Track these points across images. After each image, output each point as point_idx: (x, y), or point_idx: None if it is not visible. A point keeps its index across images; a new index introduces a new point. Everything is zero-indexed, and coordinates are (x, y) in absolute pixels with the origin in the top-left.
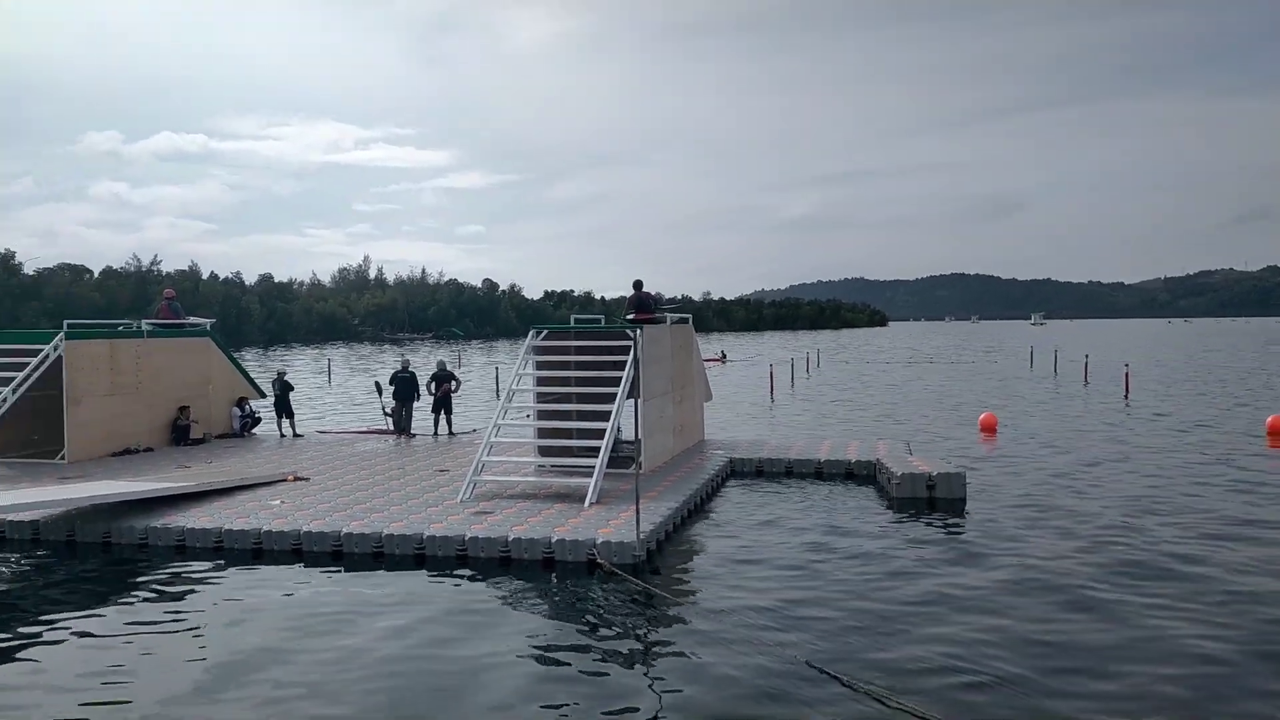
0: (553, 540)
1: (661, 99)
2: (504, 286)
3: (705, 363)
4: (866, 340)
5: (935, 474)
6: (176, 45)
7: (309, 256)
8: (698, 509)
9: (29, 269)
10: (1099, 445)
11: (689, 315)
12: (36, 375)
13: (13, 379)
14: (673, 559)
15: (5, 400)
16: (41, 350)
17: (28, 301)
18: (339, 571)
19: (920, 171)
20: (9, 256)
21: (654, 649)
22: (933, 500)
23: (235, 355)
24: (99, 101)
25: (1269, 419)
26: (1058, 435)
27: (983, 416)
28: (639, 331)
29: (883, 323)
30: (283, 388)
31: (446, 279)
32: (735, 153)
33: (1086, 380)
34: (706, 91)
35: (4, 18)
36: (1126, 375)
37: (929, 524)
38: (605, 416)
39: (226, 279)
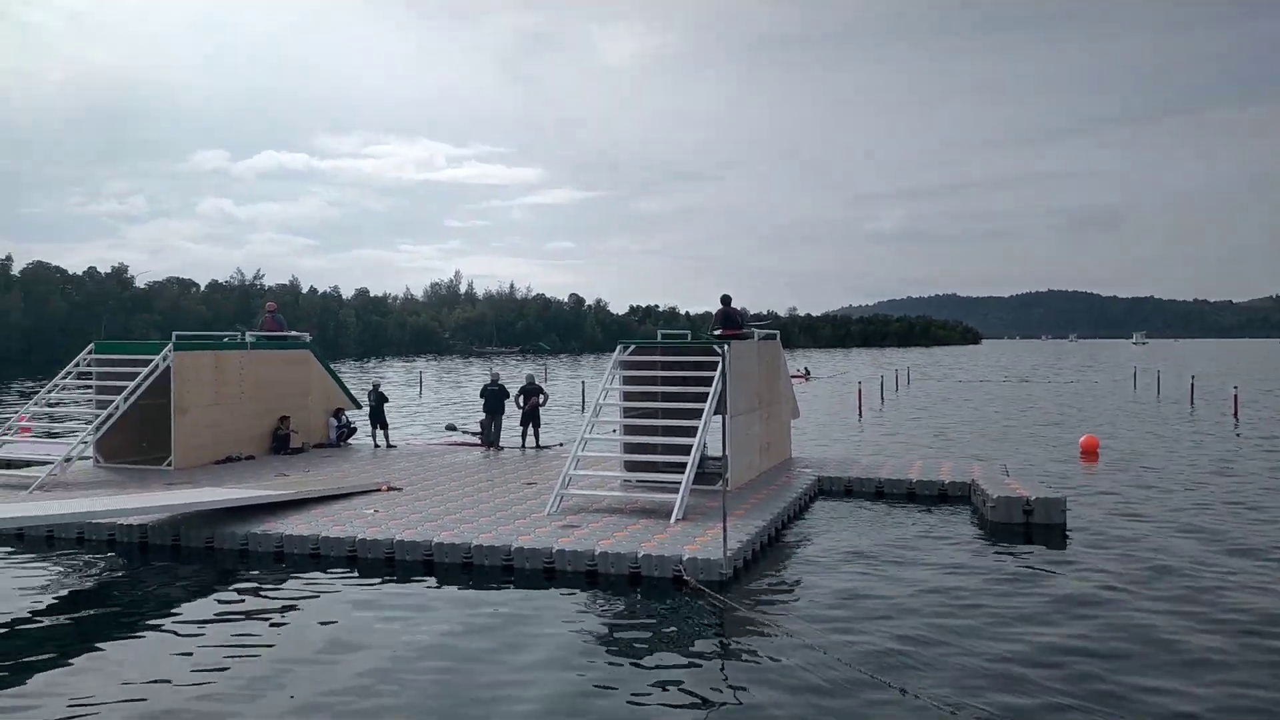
0: (639, 555)
1: (749, 112)
2: (590, 301)
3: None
4: (958, 358)
5: (1033, 498)
6: (282, 68)
7: (403, 271)
8: (785, 528)
9: (140, 282)
10: (1207, 475)
11: (776, 331)
12: (146, 385)
13: (124, 388)
14: (759, 578)
15: (117, 408)
16: (151, 361)
17: (139, 313)
18: (429, 580)
19: (1015, 184)
20: (122, 270)
21: (730, 669)
22: (1029, 526)
23: (332, 367)
24: (208, 122)
25: None
26: (1163, 460)
27: (1083, 439)
28: (726, 347)
29: (975, 340)
30: (378, 399)
31: (534, 294)
32: (823, 167)
33: (1192, 403)
34: (793, 105)
35: (126, 43)
36: (1235, 398)
37: (1025, 555)
38: (692, 432)
39: (325, 293)
